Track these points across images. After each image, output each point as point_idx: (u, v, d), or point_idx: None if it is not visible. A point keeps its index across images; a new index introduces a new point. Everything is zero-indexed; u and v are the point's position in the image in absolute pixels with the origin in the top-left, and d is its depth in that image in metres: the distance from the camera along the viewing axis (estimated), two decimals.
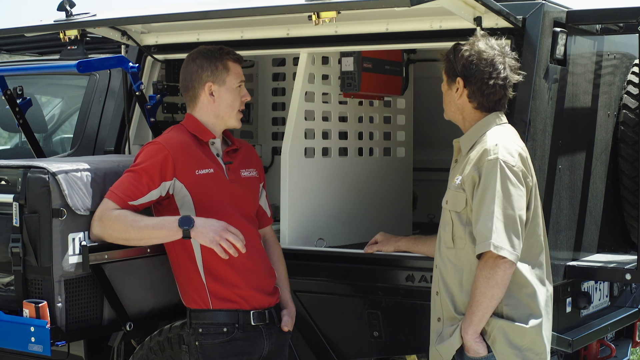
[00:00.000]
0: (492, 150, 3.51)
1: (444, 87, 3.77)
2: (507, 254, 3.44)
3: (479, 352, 3.52)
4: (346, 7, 3.79)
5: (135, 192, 3.82)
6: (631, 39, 4.53)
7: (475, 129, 3.68)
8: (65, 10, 4.45)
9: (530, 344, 3.53)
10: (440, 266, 3.68)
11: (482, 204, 3.49)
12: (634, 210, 4.88)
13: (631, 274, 4.19)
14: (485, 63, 3.62)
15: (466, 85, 3.66)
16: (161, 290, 4.13)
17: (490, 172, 3.49)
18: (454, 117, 3.77)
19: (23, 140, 5.94)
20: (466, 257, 3.58)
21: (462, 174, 3.60)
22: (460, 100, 3.69)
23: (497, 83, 3.62)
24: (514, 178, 3.49)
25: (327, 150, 4.91)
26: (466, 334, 3.52)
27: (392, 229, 4.69)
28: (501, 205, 3.46)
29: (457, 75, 3.66)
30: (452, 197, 3.63)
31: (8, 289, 3.88)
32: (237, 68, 4.03)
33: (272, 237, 4.26)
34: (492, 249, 3.42)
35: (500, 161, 3.49)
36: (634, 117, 4.78)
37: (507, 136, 3.61)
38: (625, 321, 5.07)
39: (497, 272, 3.45)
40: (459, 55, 3.66)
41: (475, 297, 3.49)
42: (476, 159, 3.54)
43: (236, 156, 4.09)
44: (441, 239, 3.70)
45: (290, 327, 4.08)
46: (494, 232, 3.43)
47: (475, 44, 3.66)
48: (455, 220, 3.61)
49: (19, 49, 7.05)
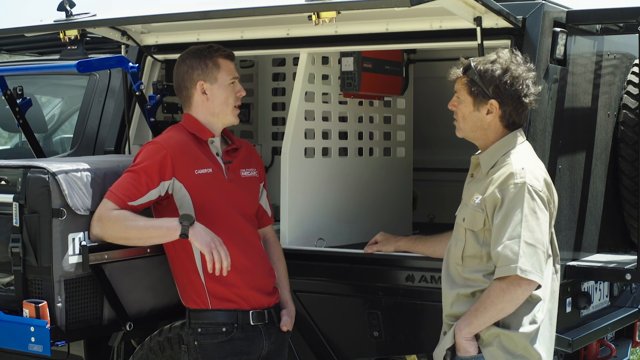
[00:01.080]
0: (518, 174, 3.47)
1: (467, 108, 3.61)
2: (537, 278, 3.42)
3: (468, 351, 3.51)
4: (346, 7, 3.79)
5: (134, 192, 3.82)
6: (631, 39, 4.53)
7: (496, 147, 3.60)
8: (65, 10, 4.45)
9: (523, 351, 3.49)
10: (444, 281, 3.68)
11: (506, 226, 3.44)
12: (634, 210, 4.88)
13: (631, 274, 4.19)
14: (518, 82, 3.54)
15: (502, 107, 3.57)
16: (161, 290, 4.13)
17: (516, 196, 3.44)
18: (473, 135, 3.66)
19: (23, 140, 5.93)
20: (474, 276, 3.55)
21: (483, 193, 3.54)
22: (491, 121, 3.59)
23: (530, 100, 3.58)
24: (540, 203, 3.47)
25: (327, 150, 4.91)
26: (460, 332, 3.51)
27: (392, 229, 4.69)
28: (529, 229, 3.43)
29: (490, 98, 3.55)
30: (470, 216, 3.57)
31: (8, 289, 3.88)
32: (228, 64, 4.01)
33: (273, 236, 4.26)
34: (518, 272, 3.39)
35: (527, 185, 3.45)
36: (634, 117, 4.78)
37: (531, 160, 3.58)
38: (625, 321, 5.07)
39: (516, 290, 3.42)
40: (489, 76, 3.55)
41: (484, 304, 3.46)
42: (501, 181, 3.49)
43: (236, 155, 4.08)
44: (452, 254, 3.67)
45: (290, 327, 4.08)
46: (522, 256, 3.40)
47: (505, 62, 3.56)
48: (470, 238, 3.57)
49: (19, 49, 7.04)
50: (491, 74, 3.56)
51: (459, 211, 3.69)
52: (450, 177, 5.90)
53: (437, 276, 4.12)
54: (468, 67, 3.59)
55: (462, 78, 3.62)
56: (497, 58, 3.59)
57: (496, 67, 3.57)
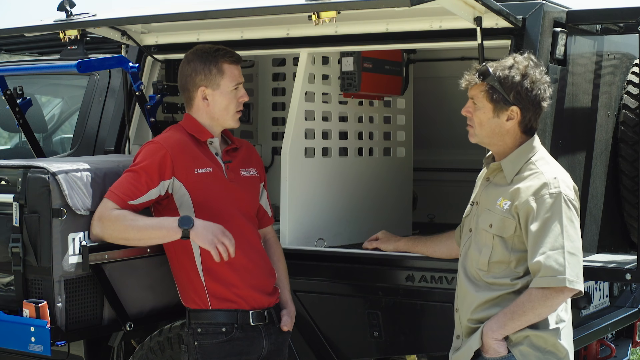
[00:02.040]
0: (552, 184, 3.47)
1: (486, 115, 3.56)
2: (581, 287, 3.44)
3: (499, 352, 3.50)
4: (346, 7, 3.79)
5: (134, 191, 3.82)
6: (631, 39, 4.53)
7: (518, 153, 3.58)
8: (65, 10, 4.45)
9: (552, 347, 3.52)
10: (465, 285, 3.64)
11: (545, 236, 3.44)
12: (634, 210, 4.88)
13: (631, 274, 4.19)
14: (536, 86, 3.53)
15: (523, 113, 3.54)
16: (161, 290, 4.13)
17: (553, 206, 3.45)
18: (491, 142, 3.62)
19: (23, 140, 5.94)
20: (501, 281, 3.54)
21: (512, 200, 3.51)
22: (510, 127, 3.57)
23: (548, 103, 3.59)
24: (574, 212, 3.50)
25: (327, 150, 4.91)
26: (492, 333, 3.48)
27: (392, 229, 4.69)
28: (570, 239, 3.44)
29: (511, 104, 3.52)
30: (499, 222, 3.54)
31: (8, 289, 3.88)
32: (233, 70, 3.98)
33: (273, 237, 4.26)
34: (567, 284, 3.40)
35: (563, 195, 3.46)
36: (634, 117, 4.78)
37: (559, 168, 3.60)
38: (625, 321, 5.07)
39: (559, 297, 3.43)
40: (509, 82, 3.51)
41: (523, 308, 3.45)
42: (535, 190, 3.48)
43: (236, 155, 4.08)
44: (471, 259, 3.63)
45: (290, 327, 4.08)
46: (567, 267, 3.41)
47: (523, 67, 3.53)
48: (498, 245, 3.55)
49: (19, 49, 7.04)
50: (512, 80, 3.52)
51: (479, 216, 3.63)
52: (450, 177, 5.91)
53: (437, 276, 4.13)
54: (486, 74, 3.53)
55: (480, 85, 3.57)
56: (515, 63, 3.55)
57: (515, 72, 3.53)
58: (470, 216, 3.72)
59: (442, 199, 5.87)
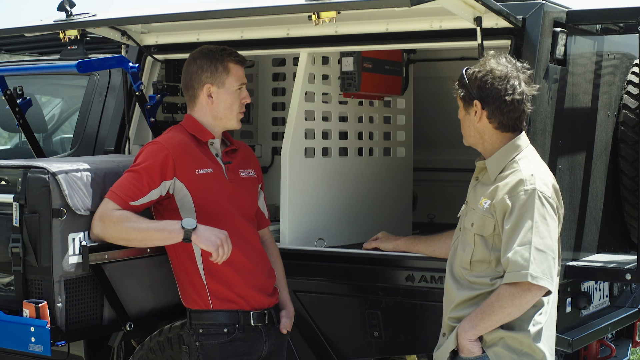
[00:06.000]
0: (528, 180, 3.49)
1: (461, 113, 3.68)
2: (547, 284, 3.43)
3: (473, 352, 3.52)
4: (346, 7, 3.79)
5: (135, 192, 3.82)
6: (631, 39, 4.53)
7: (502, 152, 3.61)
8: (65, 10, 4.45)
9: (528, 349, 3.51)
10: (449, 283, 3.67)
11: (516, 233, 3.45)
12: (634, 210, 4.88)
13: (631, 274, 4.20)
14: (499, 80, 3.56)
15: (484, 107, 3.58)
16: (161, 290, 4.13)
17: (526, 202, 3.46)
18: (474, 142, 3.69)
19: (23, 140, 5.94)
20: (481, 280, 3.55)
21: (492, 199, 3.54)
22: (481, 124, 3.62)
23: (515, 99, 3.56)
24: (550, 209, 3.49)
25: (327, 150, 4.91)
26: (465, 333, 3.51)
27: (392, 229, 4.69)
28: (539, 235, 3.44)
29: (474, 98, 3.59)
30: (480, 221, 3.58)
31: (8, 289, 3.88)
32: (238, 70, 4.01)
33: (270, 238, 4.26)
34: (529, 279, 3.40)
35: (537, 192, 3.47)
36: (634, 117, 4.78)
37: (540, 166, 3.60)
38: (625, 321, 5.07)
39: (526, 295, 3.43)
40: (472, 77, 3.60)
41: (492, 307, 3.47)
42: (510, 187, 3.50)
43: (235, 156, 4.09)
44: (457, 258, 3.66)
45: (289, 328, 4.08)
46: (532, 262, 3.41)
47: (487, 64, 3.60)
48: (479, 243, 3.57)
49: (19, 49, 7.05)
50: (475, 75, 3.60)
51: (466, 215, 3.68)
52: (450, 177, 5.91)
53: (437, 276, 4.13)
54: (461, 75, 3.64)
55: (457, 85, 3.67)
56: (486, 62, 3.62)
57: (478, 68, 3.61)
58: (462, 215, 3.75)
59: (442, 199, 5.87)
